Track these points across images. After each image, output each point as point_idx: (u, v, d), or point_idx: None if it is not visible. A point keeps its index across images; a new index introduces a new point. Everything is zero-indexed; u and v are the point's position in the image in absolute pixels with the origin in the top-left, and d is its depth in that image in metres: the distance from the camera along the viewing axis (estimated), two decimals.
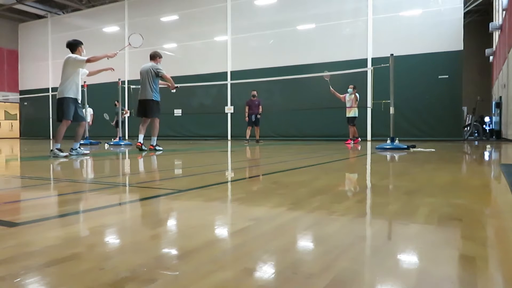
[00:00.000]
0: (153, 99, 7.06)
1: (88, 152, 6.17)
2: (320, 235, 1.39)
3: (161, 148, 7.29)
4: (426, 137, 11.76)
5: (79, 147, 5.95)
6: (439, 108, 12.02)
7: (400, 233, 1.44)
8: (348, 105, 10.17)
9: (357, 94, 10.13)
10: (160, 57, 7.35)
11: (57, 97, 5.71)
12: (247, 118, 11.44)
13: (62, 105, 5.60)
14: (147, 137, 7.35)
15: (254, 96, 11.34)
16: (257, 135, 11.58)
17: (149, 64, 7.14)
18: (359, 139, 10.59)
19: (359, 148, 8.04)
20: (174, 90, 7.29)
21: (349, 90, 10.17)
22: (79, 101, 5.81)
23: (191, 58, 16.33)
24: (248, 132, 11.41)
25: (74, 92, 5.69)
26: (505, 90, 12.76)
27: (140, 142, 7.11)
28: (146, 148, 7.06)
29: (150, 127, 7.23)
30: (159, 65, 7.16)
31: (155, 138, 7.27)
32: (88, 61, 5.65)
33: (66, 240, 1.30)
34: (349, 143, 10.05)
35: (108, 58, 5.87)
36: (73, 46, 5.84)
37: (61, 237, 1.34)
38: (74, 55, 5.71)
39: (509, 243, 1.32)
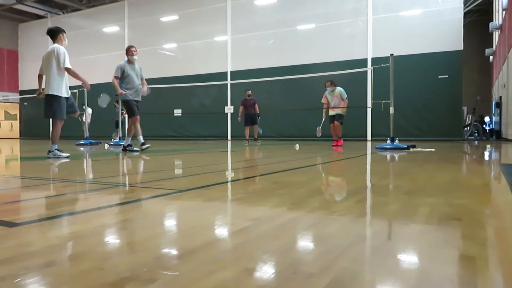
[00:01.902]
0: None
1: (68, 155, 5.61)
2: (320, 235, 1.39)
3: (135, 149, 6.65)
4: (426, 137, 11.76)
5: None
6: (439, 108, 12.02)
7: (400, 233, 1.44)
8: (333, 104, 8.87)
9: (341, 91, 8.81)
10: (128, 52, 6.74)
11: (48, 92, 5.25)
12: (240, 118, 11.07)
13: (59, 103, 5.26)
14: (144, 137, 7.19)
15: (249, 95, 11.02)
16: (255, 134, 11.40)
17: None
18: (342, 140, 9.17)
19: (341, 151, 6.96)
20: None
21: (328, 88, 8.90)
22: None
23: (191, 58, 16.34)
24: (247, 132, 11.19)
25: (67, 91, 5.40)
26: (505, 90, 12.76)
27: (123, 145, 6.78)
28: (135, 149, 6.65)
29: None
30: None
31: (129, 138, 6.76)
32: (68, 70, 5.31)
33: (66, 240, 1.30)
34: (337, 145, 8.80)
35: (83, 85, 5.65)
36: (55, 33, 5.38)
37: (61, 237, 1.35)
38: (62, 52, 5.26)
39: (509, 243, 1.32)
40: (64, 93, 5.34)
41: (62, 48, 5.32)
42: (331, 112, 9.04)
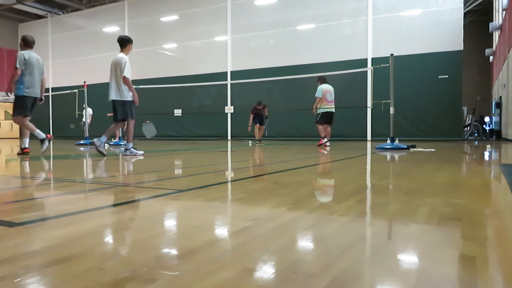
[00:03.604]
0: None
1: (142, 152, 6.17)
2: (320, 235, 1.39)
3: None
4: (426, 137, 11.77)
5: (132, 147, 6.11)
6: (439, 108, 12.03)
7: (400, 233, 1.44)
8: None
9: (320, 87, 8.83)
10: None
11: (119, 98, 5.82)
12: (249, 128, 10.82)
13: (130, 106, 5.91)
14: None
15: (259, 104, 10.78)
16: (260, 134, 11.28)
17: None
18: (323, 140, 8.89)
19: (324, 152, 6.68)
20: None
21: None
22: None
23: (191, 58, 16.34)
24: (256, 131, 10.85)
25: (130, 95, 5.93)
26: (505, 90, 12.76)
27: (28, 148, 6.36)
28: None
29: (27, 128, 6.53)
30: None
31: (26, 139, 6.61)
32: (125, 79, 5.78)
33: (66, 240, 1.30)
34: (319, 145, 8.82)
35: (133, 97, 5.92)
36: (125, 42, 5.98)
37: (61, 237, 1.34)
38: (124, 61, 5.77)
39: (509, 243, 1.32)
40: (130, 98, 5.90)
41: (126, 58, 5.84)
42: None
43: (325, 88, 8.89)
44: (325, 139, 8.90)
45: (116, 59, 5.87)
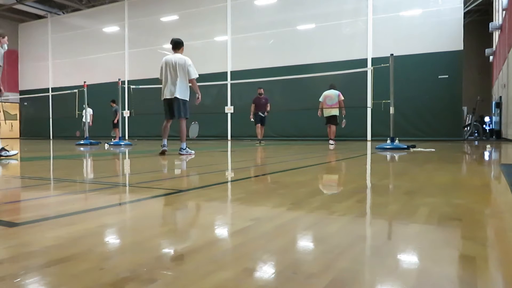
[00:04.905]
0: None
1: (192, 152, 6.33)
2: (320, 235, 1.39)
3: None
4: (426, 137, 11.76)
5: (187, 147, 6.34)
6: (439, 108, 12.03)
7: (400, 233, 1.44)
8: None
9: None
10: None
11: (179, 97, 6.12)
12: (252, 117, 10.77)
13: (188, 105, 6.29)
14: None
15: (260, 94, 10.77)
16: (261, 134, 11.23)
17: None
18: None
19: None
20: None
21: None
22: None
23: (191, 58, 16.27)
24: (258, 130, 10.81)
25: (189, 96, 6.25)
26: (505, 90, 12.76)
27: None
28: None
29: None
30: None
31: None
32: (194, 81, 6.16)
33: (66, 240, 1.30)
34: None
35: (198, 97, 6.27)
36: (179, 45, 6.27)
37: (61, 237, 1.34)
38: (190, 63, 6.10)
39: (509, 243, 1.32)
40: (188, 98, 6.26)
41: (190, 60, 6.18)
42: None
43: (326, 94, 9.69)
44: (331, 140, 9.61)
45: (180, 59, 6.11)
